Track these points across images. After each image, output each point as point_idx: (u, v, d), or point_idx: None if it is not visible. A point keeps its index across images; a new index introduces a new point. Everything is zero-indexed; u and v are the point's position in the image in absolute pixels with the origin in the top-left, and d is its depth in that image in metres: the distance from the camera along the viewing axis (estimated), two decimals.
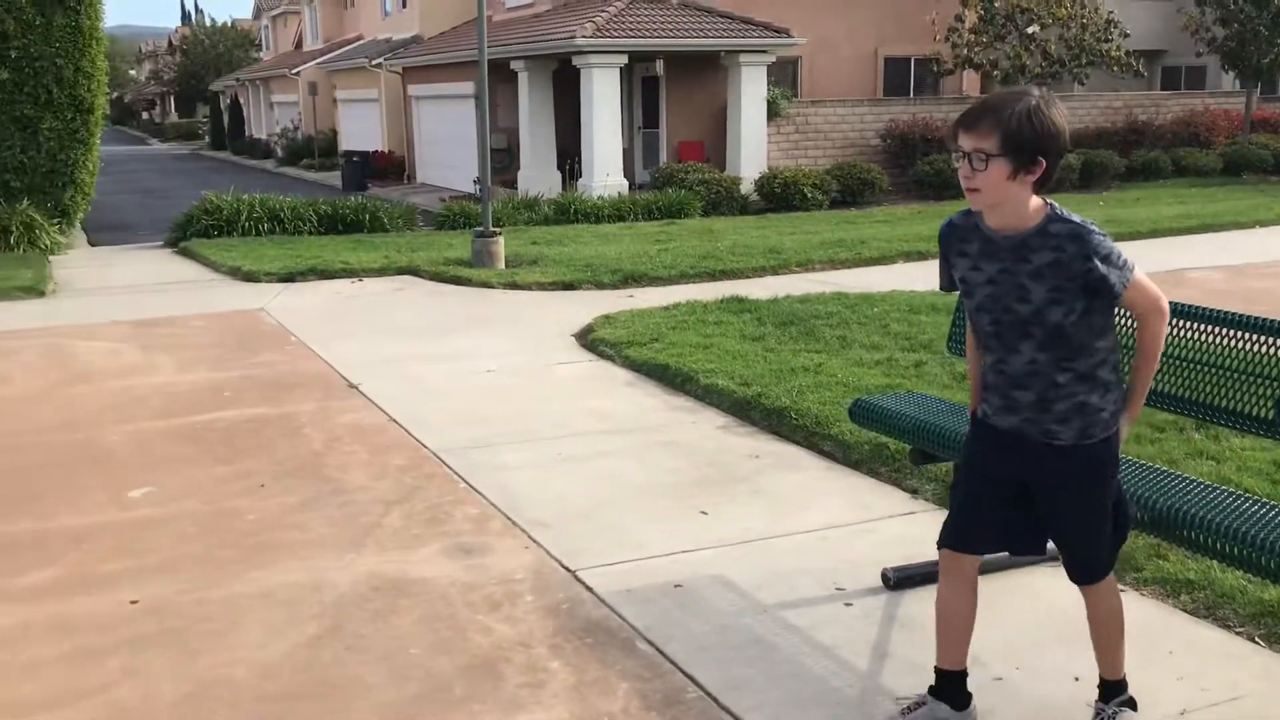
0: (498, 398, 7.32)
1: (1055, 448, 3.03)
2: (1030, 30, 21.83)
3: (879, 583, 4.38)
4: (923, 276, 11.82)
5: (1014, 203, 2.87)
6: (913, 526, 4.98)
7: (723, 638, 3.98)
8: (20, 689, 3.68)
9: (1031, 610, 4.11)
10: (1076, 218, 2.90)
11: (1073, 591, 3.27)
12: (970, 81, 25.52)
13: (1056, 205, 2.93)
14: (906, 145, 22.64)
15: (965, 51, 22.44)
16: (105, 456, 6.24)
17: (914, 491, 5.38)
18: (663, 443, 6.31)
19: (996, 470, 3.16)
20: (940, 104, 24.11)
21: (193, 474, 5.90)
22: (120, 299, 11.69)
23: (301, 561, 4.71)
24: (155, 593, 4.42)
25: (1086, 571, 3.18)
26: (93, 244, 17.25)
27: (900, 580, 4.35)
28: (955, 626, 3.30)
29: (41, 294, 11.86)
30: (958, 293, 3.20)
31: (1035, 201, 2.90)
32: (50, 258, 14.78)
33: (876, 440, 5.69)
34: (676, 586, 4.40)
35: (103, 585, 4.50)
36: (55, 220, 16.25)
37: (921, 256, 13.28)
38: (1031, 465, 3.08)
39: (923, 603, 4.18)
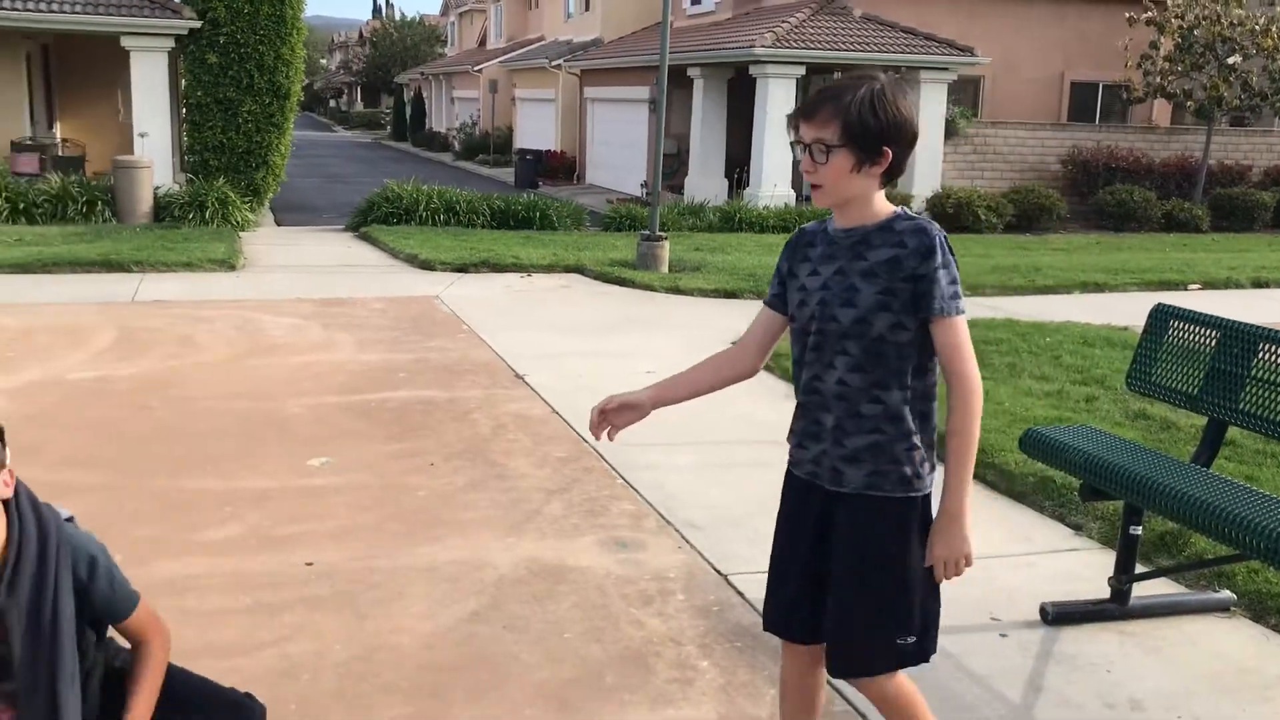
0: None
1: (841, 497, 2.66)
2: (1231, 61, 20.83)
3: (1036, 616, 4.29)
4: (1100, 309, 11.45)
5: (860, 199, 2.59)
6: (1075, 563, 4.86)
7: None
8: (206, 635, 3.93)
9: (1197, 660, 3.97)
10: (928, 219, 2.62)
11: (1247, 642, 3.15)
12: (1160, 110, 24.54)
13: (907, 209, 2.66)
14: (1089, 173, 21.91)
15: (1158, 80, 21.57)
16: (287, 426, 6.59)
17: (1078, 528, 5.24)
18: None
19: (797, 530, 2.80)
20: (1127, 132, 23.25)
21: (367, 448, 6.18)
22: (304, 278, 12.28)
23: (465, 540, 4.89)
24: (329, 557, 4.66)
25: (843, 659, 2.71)
26: (279, 223, 18.14)
27: (1059, 616, 4.25)
28: (792, 708, 2.98)
29: (233, 268, 12.56)
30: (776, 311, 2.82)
31: (885, 200, 2.63)
32: (240, 234, 15.61)
33: (1043, 473, 5.56)
34: None
35: (281, 546, 4.77)
36: (247, 199, 17.17)
37: (1099, 288, 12.86)
38: (819, 519, 2.72)
39: (1082, 641, 4.09)
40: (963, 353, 2.56)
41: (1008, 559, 4.90)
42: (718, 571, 4.66)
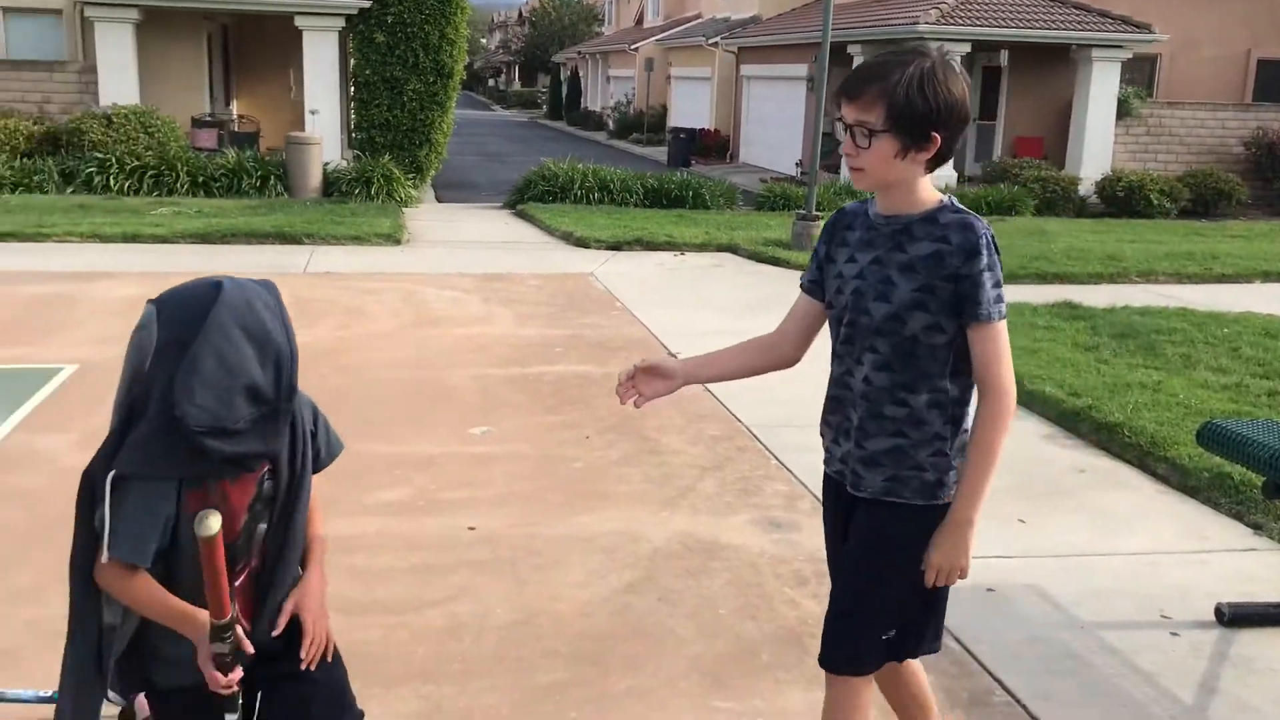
0: (810, 380, 7.32)
1: (860, 502, 2.52)
2: None
3: (1211, 616, 4.11)
4: None
5: (904, 184, 2.39)
6: (1253, 564, 4.64)
7: (1035, 648, 3.87)
8: (376, 593, 4.10)
9: None
10: (974, 214, 2.42)
11: None
12: None
13: (954, 198, 2.46)
14: (1274, 156, 20.70)
15: None
16: (450, 395, 6.78)
17: (1257, 527, 4.99)
18: None
19: (833, 533, 2.70)
20: None
21: (525, 419, 6.32)
22: (465, 253, 12.60)
23: (621, 512, 4.96)
24: (490, 523, 4.79)
25: (827, 646, 2.58)
26: (439, 200, 18.61)
27: (1236, 617, 4.07)
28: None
29: (398, 242, 12.97)
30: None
31: (932, 188, 2.43)
32: (404, 209, 16.09)
33: (1220, 468, 5.31)
34: (989, 590, 4.31)
35: (445, 509, 4.92)
36: (410, 175, 17.66)
37: None
38: (846, 522, 2.59)
39: (1261, 644, 3.91)
40: (1001, 361, 2.37)
41: (1180, 555, 4.71)
42: None
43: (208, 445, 2.21)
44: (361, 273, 10.89)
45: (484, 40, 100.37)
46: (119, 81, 17.47)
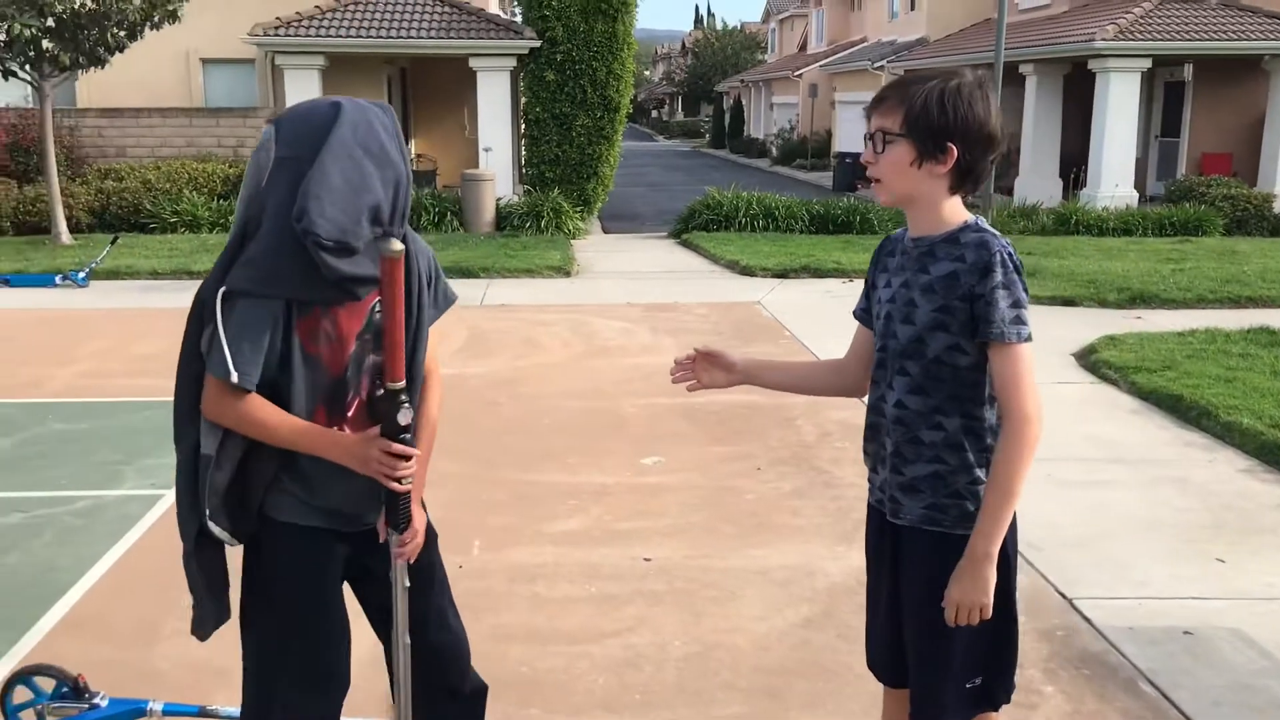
0: None
1: (901, 530, 2.44)
2: None
3: None
4: None
5: (925, 201, 2.35)
6: None
7: (1239, 695, 3.67)
8: (555, 622, 4.18)
9: None
10: (997, 233, 2.34)
11: None
12: None
13: (982, 219, 2.40)
14: None
15: None
16: (621, 424, 6.88)
17: None
18: (1172, 479, 5.87)
19: (875, 563, 2.60)
20: None
21: (695, 450, 6.35)
22: (631, 283, 12.77)
23: (795, 546, 4.93)
24: (665, 554, 4.83)
25: (915, 705, 2.47)
26: (605, 231, 18.91)
27: None
28: None
29: (567, 274, 13.25)
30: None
31: (959, 208, 2.37)
32: (572, 241, 16.42)
33: None
34: (1186, 633, 4.11)
35: (621, 540, 4.99)
36: (578, 208, 18.03)
37: None
38: (892, 551, 2.50)
39: None
40: (1021, 385, 2.27)
41: None
42: (1061, 594, 4.45)
43: (329, 261, 2.19)
44: (534, 304, 11.16)
45: (647, 73, 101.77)
46: None
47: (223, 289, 2.24)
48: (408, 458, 2.30)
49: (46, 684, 3.31)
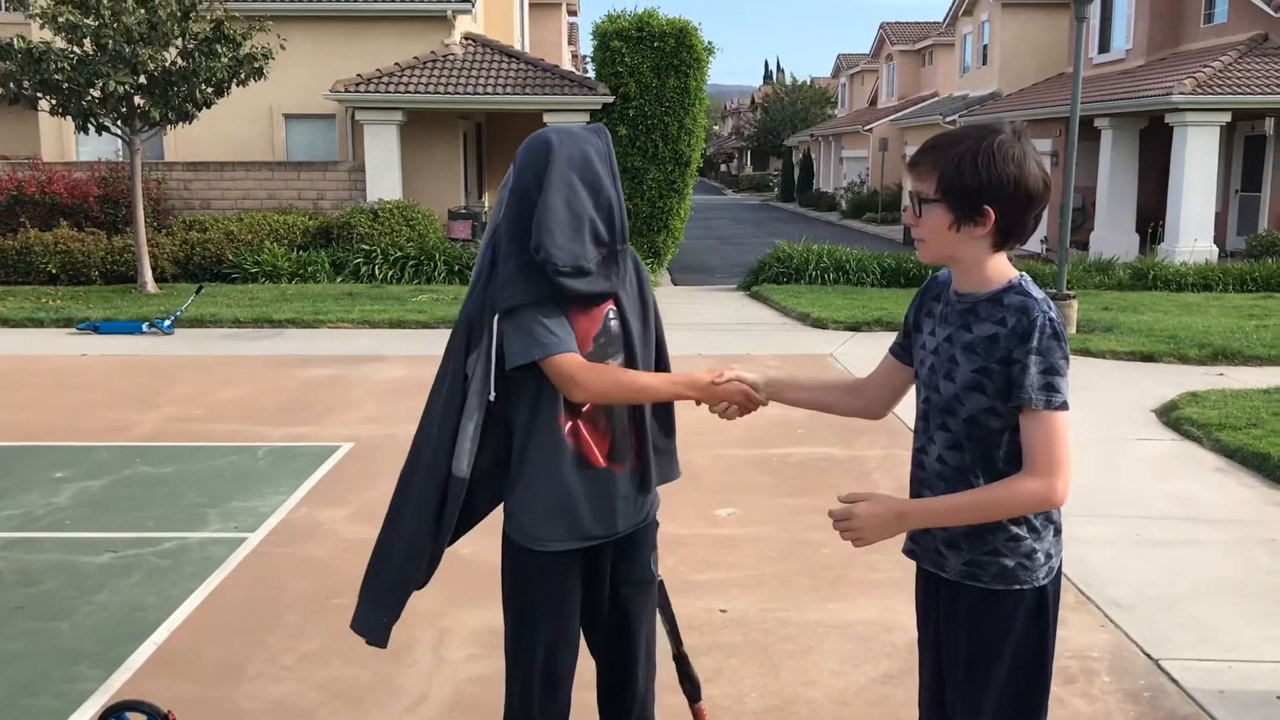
0: (1082, 469, 7.05)
1: (944, 583, 2.43)
2: None
3: None
4: None
5: (968, 260, 2.33)
6: None
7: None
8: None
9: None
10: (1041, 294, 2.30)
11: None
12: None
13: (1028, 277, 2.35)
14: None
15: None
16: (695, 475, 6.87)
17: None
18: (1260, 539, 5.72)
19: (922, 618, 2.58)
20: None
21: (770, 501, 6.33)
22: (703, 335, 12.81)
23: (873, 600, 4.88)
24: (741, 606, 4.81)
25: None
26: (675, 283, 19.02)
27: None
28: None
29: None
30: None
31: (1004, 266, 2.34)
32: None
33: None
34: (1279, 698, 3.99)
35: (696, 591, 4.98)
36: (648, 260, 18.17)
37: None
38: (936, 605, 2.49)
39: None
40: (1050, 452, 2.23)
41: None
42: (1147, 655, 4.34)
43: (566, 284, 2.48)
44: None
45: (716, 127, 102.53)
46: (384, 178, 18.86)
47: (499, 312, 2.50)
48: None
49: None
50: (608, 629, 2.79)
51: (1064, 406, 2.25)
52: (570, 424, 2.58)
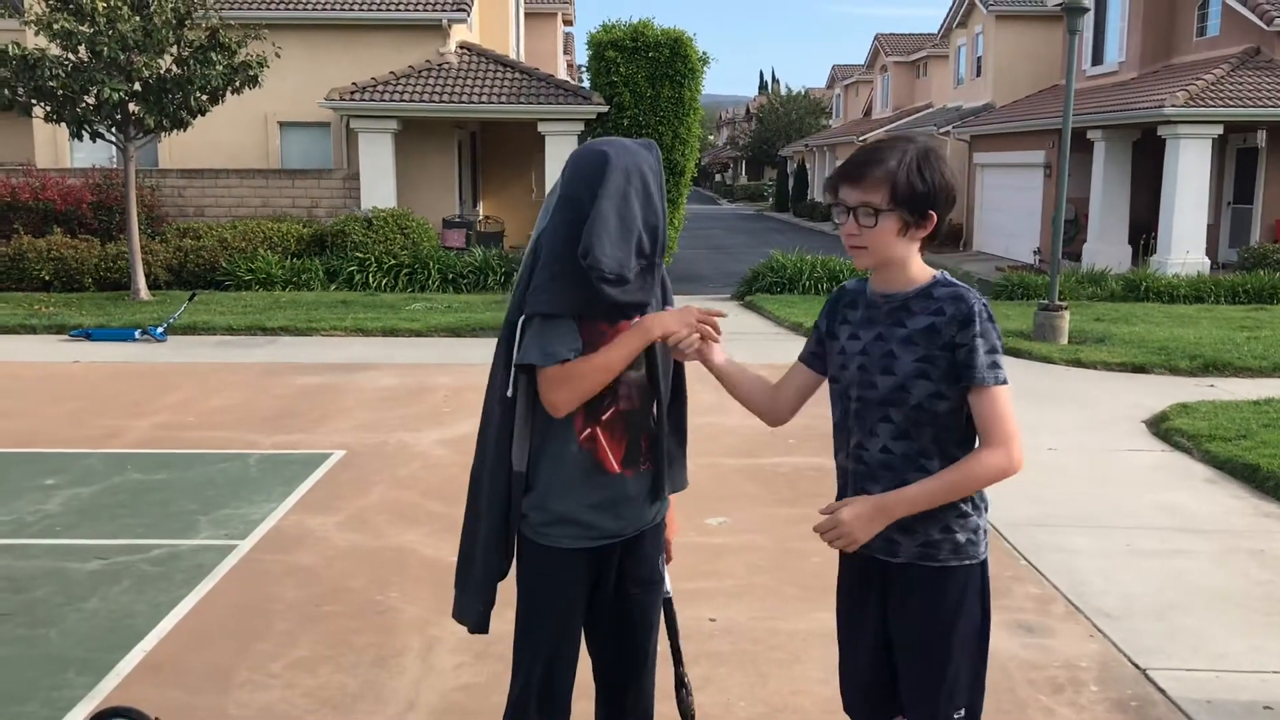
0: (1060, 478, 7.07)
1: (895, 567, 2.55)
2: None
3: None
4: None
5: (899, 262, 2.52)
6: None
7: None
8: None
9: None
10: (968, 286, 2.53)
11: None
12: None
13: (946, 272, 2.57)
14: None
15: None
16: None
17: None
18: (1249, 550, 5.74)
19: (855, 607, 2.68)
20: None
21: (760, 511, 6.34)
22: None
23: None
24: (730, 614, 4.82)
25: None
26: None
27: None
28: None
29: None
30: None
31: (923, 265, 2.55)
32: None
33: None
34: (1266, 709, 4.00)
35: (685, 599, 4.96)
36: None
37: None
38: (880, 591, 2.60)
39: None
40: (1003, 425, 2.44)
41: None
42: (1135, 665, 4.36)
43: (606, 291, 2.52)
44: None
45: (711, 137, 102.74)
46: (379, 186, 18.88)
47: (524, 314, 2.57)
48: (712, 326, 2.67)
49: None
50: (613, 629, 2.83)
51: (1006, 381, 2.47)
52: (589, 430, 2.64)
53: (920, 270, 2.55)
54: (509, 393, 2.61)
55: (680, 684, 3.11)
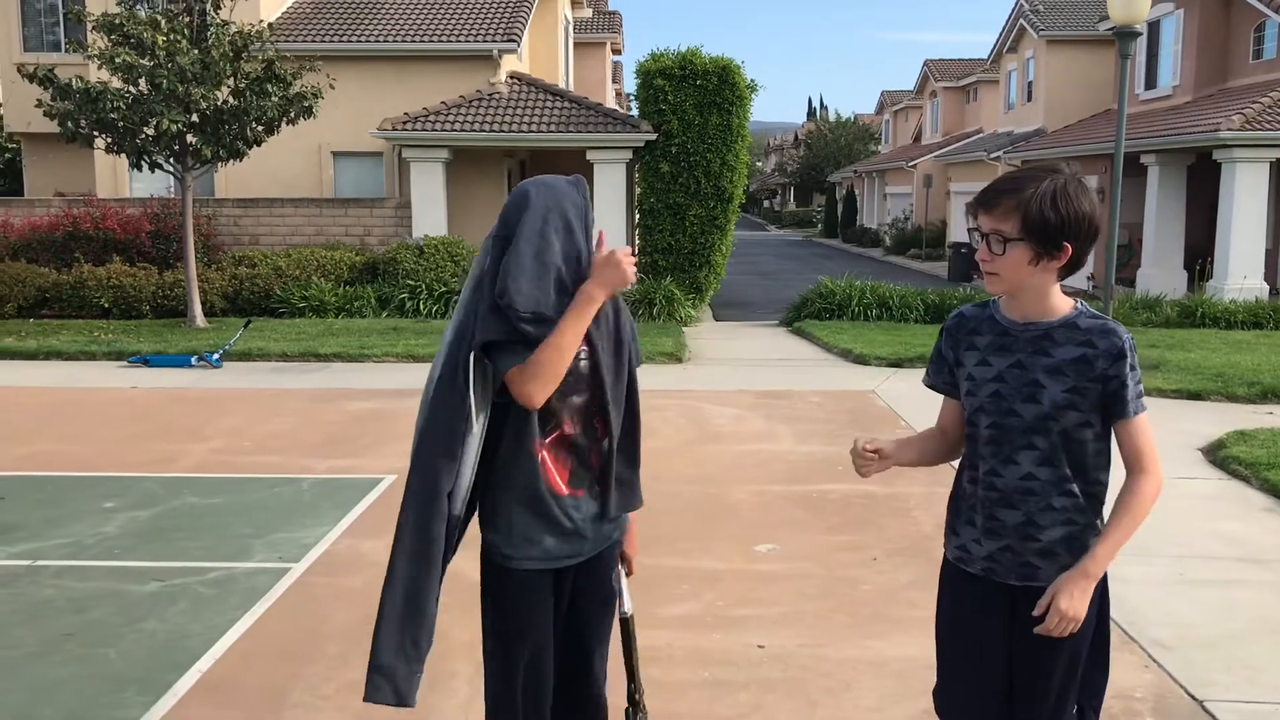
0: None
1: (1034, 590, 2.59)
2: None
3: None
4: None
5: (1036, 291, 2.56)
6: None
7: None
8: (670, 705, 4.18)
9: None
10: (1109, 318, 2.59)
11: None
12: None
13: (1086, 304, 2.61)
14: None
15: None
16: (733, 511, 6.89)
17: None
18: None
19: (979, 631, 2.69)
20: None
21: (809, 538, 6.32)
22: (743, 370, 12.82)
23: (912, 638, 4.85)
24: (779, 641, 4.80)
25: None
26: (717, 319, 19.05)
27: None
28: None
29: (680, 360, 13.37)
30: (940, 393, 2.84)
31: (1062, 294, 2.60)
32: (684, 329, 16.58)
33: None
34: None
35: (734, 626, 4.98)
36: (690, 296, 18.24)
37: None
38: (1007, 618, 2.63)
39: None
40: (1151, 449, 2.55)
41: None
42: (1191, 696, 4.29)
43: (526, 330, 2.56)
44: (647, 389, 11.26)
45: (760, 164, 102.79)
46: (430, 214, 19.11)
47: (479, 342, 2.61)
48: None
49: None
50: (566, 643, 2.88)
51: (1145, 408, 2.58)
52: (538, 454, 2.71)
53: (1060, 300, 2.59)
54: (474, 426, 2.63)
55: (631, 701, 3.11)
